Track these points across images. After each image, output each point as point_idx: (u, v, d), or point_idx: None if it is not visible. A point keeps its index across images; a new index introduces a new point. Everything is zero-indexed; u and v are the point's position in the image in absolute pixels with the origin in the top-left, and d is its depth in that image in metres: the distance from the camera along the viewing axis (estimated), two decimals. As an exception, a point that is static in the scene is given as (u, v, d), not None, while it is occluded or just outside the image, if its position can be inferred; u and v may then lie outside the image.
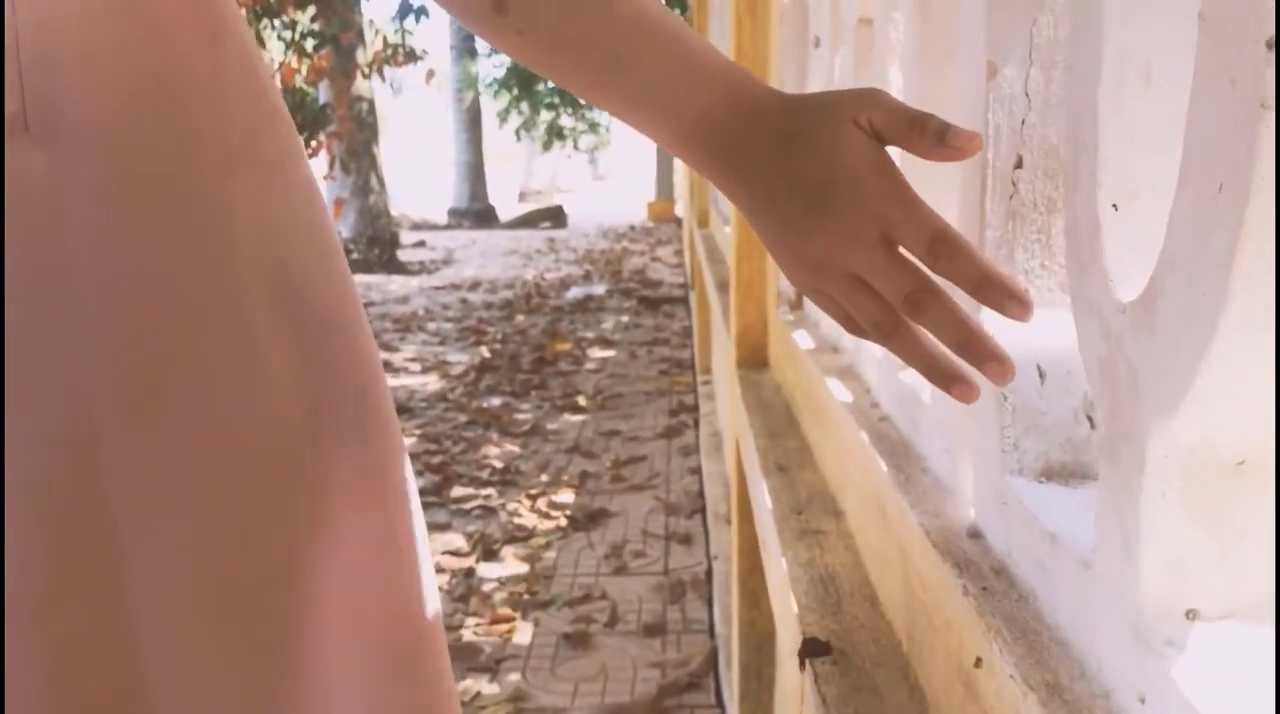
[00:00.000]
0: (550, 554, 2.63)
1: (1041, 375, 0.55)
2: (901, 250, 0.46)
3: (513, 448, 3.53)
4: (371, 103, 8.74)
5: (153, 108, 0.44)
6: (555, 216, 13.39)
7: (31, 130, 0.41)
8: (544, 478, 3.19)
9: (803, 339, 1.20)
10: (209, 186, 0.45)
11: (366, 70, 7.80)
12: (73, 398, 0.42)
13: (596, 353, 5.14)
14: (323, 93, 8.03)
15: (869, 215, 0.46)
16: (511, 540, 2.71)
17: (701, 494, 2.99)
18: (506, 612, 2.29)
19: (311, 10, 7.27)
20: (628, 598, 2.37)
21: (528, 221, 13.25)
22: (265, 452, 0.46)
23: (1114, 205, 0.44)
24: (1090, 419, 0.55)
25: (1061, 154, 0.54)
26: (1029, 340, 0.54)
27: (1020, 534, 0.52)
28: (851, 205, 0.46)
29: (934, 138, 0.45)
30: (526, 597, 2.37)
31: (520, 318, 6.15)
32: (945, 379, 0.46)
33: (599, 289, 7.27)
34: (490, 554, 2.63)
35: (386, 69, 8.06)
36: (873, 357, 0.92)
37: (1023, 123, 0.56)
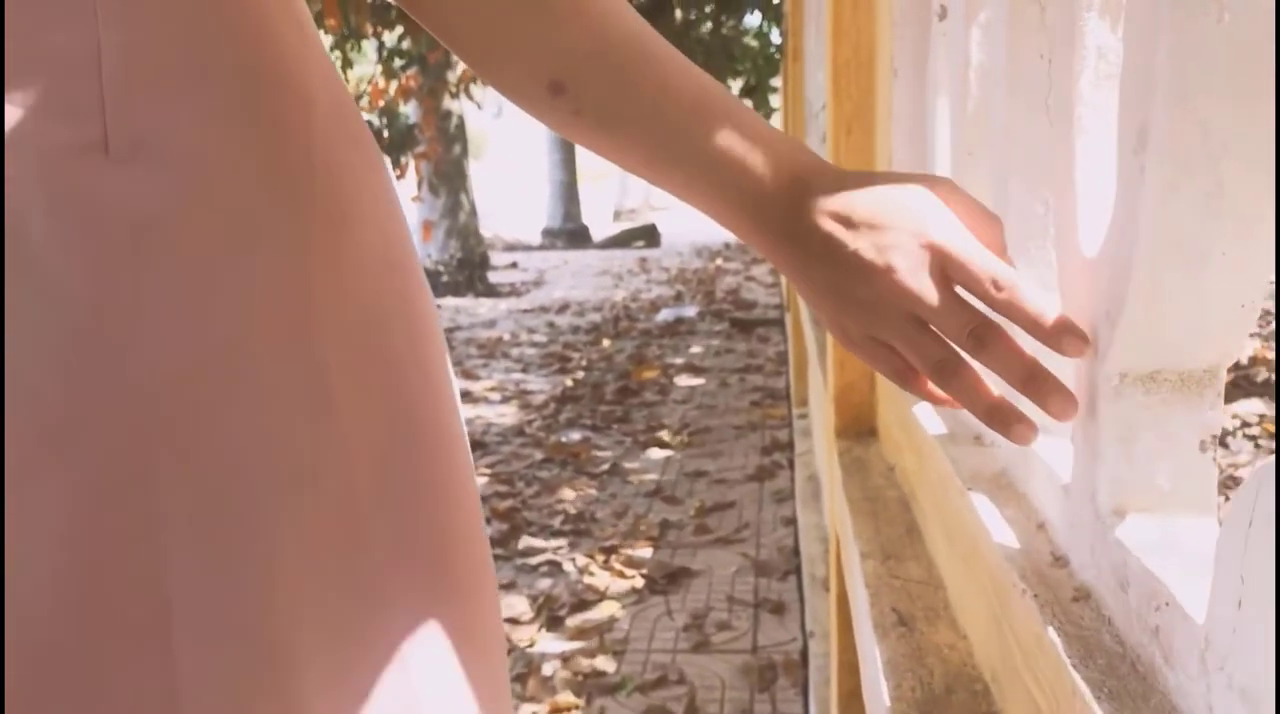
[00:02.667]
0: (623, 623, 2.32)
1: None
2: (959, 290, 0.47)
3: (589, 491, 3.24)
4: (461, 122, 8.62)
5: (240, 135, 0.43)
6: (648, 235, 13.18)
7: (111, 153, 0.40)
8: (620, 527, 2.89)
9: (928, 416, 0.86)
10: (290, 224, 0.44)
11: (454, 90, 7.68)
12: (135, 412, 0.40)
13: (684, 381, 4.83)
14: (411, 113, 7.94)
15: (930, 252, 0.46)
16: (581, 605, 2.41)
17: (796, 551, 2.65)
18: (569, 699, 1.99)
19: (399, 29, 7.18)
20: (708, 682, 2.05)
21: (621, 241, 13.08)
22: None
23: None
24: None
25: None
26: None
27: None
28: (912, 244, 0.47)
29: (999, 245, 0.50)
30: (593, 679, 2.07)
31: (607, 343, 5.89)
32: (1005, 420, 0.47)
33: (690, 311, 6.97)
34: (555, 622, 2.33)
35: (476, 89, 7.94)
36: (1046, 473, 0.59)
37: None
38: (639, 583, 2.51)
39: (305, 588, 0.43)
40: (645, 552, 2.71)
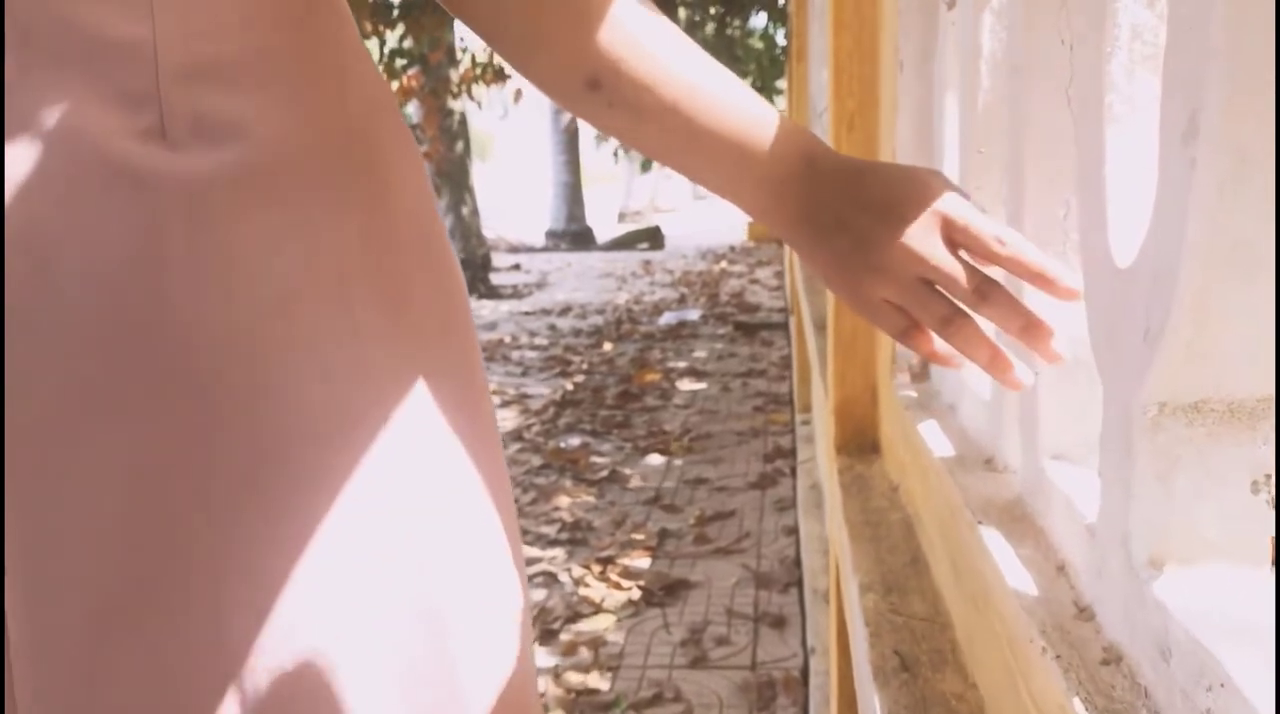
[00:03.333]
0: (618, 636, 2.25)
1: None
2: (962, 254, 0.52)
3: (587, 498, 3.17)
4: (464, 122, 8.56)
5: (287, 115, 0.45)
6: (653, 237, 13.11)
7: (169, 138, 0.42)
8: (618, 536, 2.82)
9: (934, 435, 0.80)
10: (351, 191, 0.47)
11: (457, 90, 7.62)
12: (181, 375, 0.41)
13: (686, 385, 4.76)
14: (413, 113, 7.88)
15: (936, 220, 0.51)
16: (575, 617, 2.34)
17: (798, 562, 2.58)
18: (559, 716, 1.92)
19: (400, 29, 7.13)
20: (705, 699, 1.98)
21: (625, 243, 13.01)
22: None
23: None
24: None
25: None
26: None
27: None
28: (920, 212, 0.51)
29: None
30: (585, 696, 2.00)
31: (608, 346, 5.82)
32: (1004, 366, 0.52)
33: (693, 314, 6.90)
34: (549, 635, 2.27)
35: (479, 89, 7.89)
36: (1067, 507, 0.52)
37: None
38: (636, 594, 2.44)
39: (343, 547, 0.44)
40: (643, 562, 2.64)
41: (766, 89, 11.05)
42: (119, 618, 0.41)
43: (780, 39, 10.53)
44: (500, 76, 7.54)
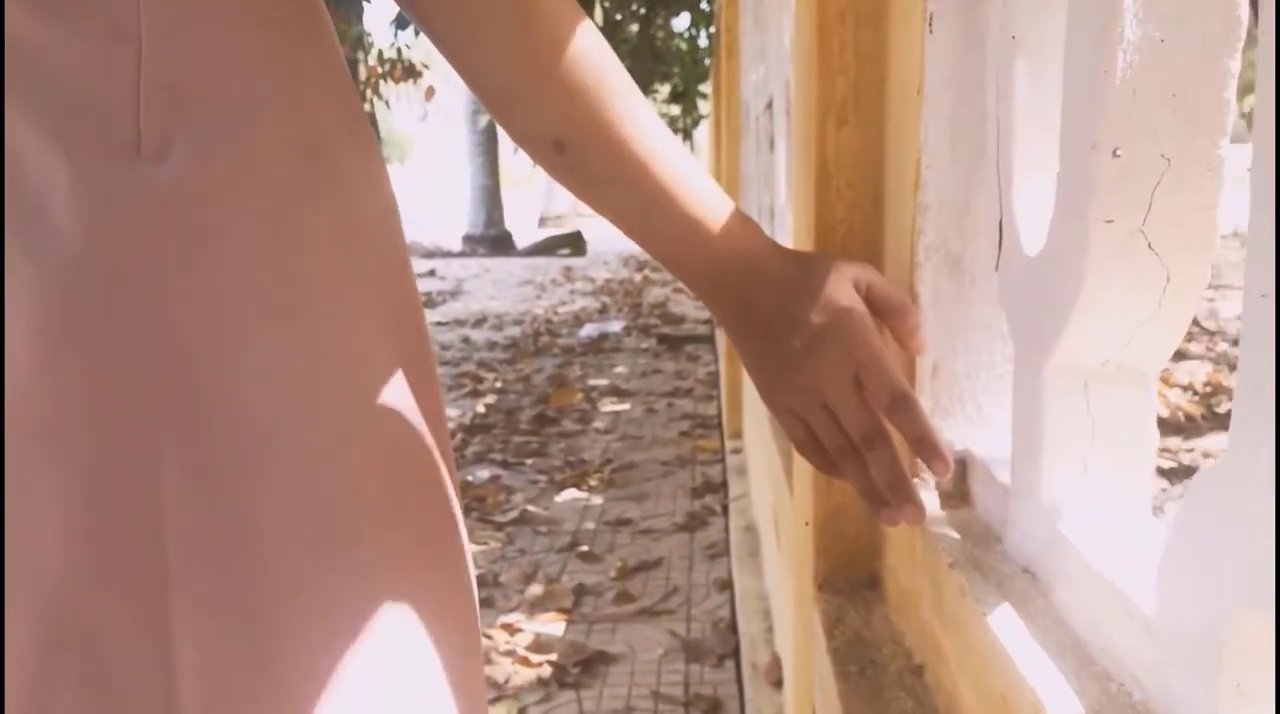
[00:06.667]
0: (524, 728, 1.90)
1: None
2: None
3: (494, 544, 2.81)
4: (374, 123, 8.07)
5: (254, 134, 0.45)
6: (574, 243, 12.77)
7: (143, 153, 0.42)
8: (528, 594, 2.46)
9: (1003, 618, 0.47)
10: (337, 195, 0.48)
11: (362, 89, 7.16)
12: (130, 389, 0.42)
13: (608, 406, 4.42)
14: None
15: (852, 361, 0.56)
16: (473, 704, 1.98)
17: (733, 625, 2.26)
18: None
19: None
20: (629, 816, 1.64)
21: (545, 248, 12.64)
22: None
23: None
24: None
25: None
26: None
27: None
28: (840, 350, 0.57)
29: (911, 328, 0.62)
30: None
31: (524, 363, 5.44)
32: (878, 503, 0.57)
33: (615, 326, 6.57)
34: (441, 729, 1.90)
35: (386, 88, 7.44)
36: None
37: None
38: (546, 672, 2.09)
39: (296, 558, 0.44)
40: (556, 627, 2.28)
41: (689, 93, 10.78)
42: (65, 624, 0.41)
43: (703, 41, 10.26)
44: (410, 73, 7.11)
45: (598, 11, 8.02)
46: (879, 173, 0.70)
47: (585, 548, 2.75)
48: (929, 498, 0.64)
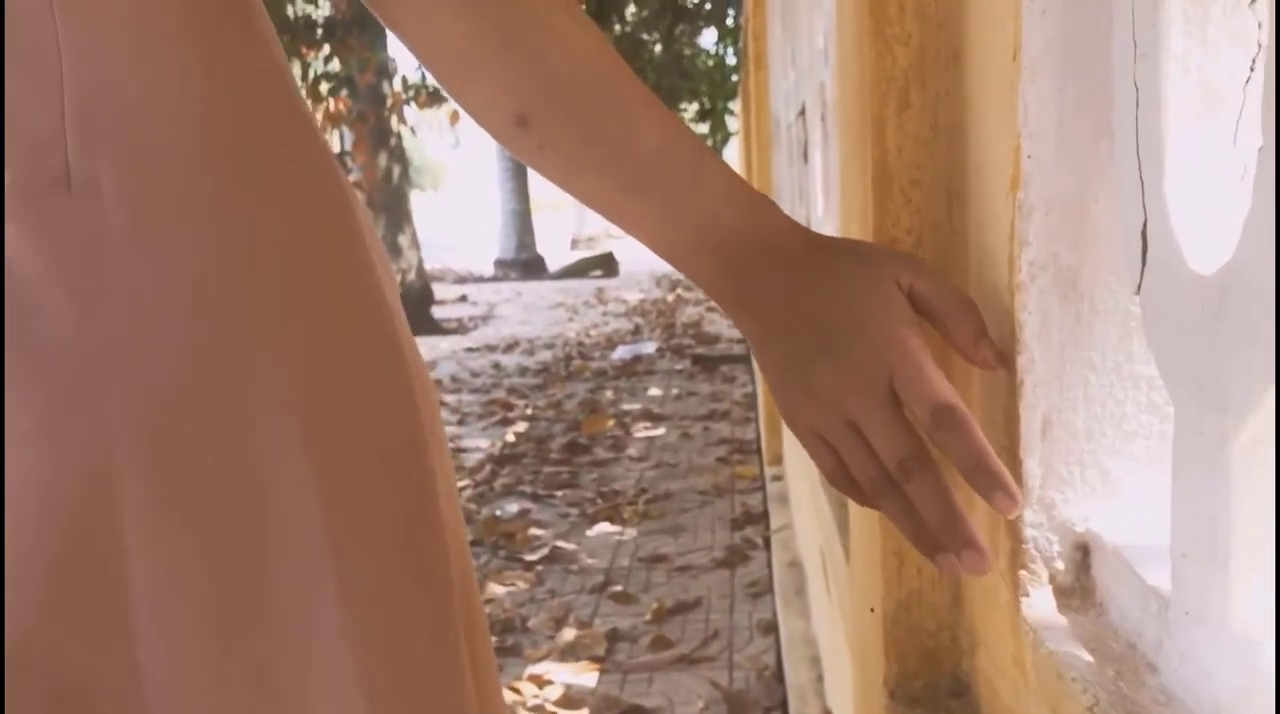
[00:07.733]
0: (554, 796, 1.74)
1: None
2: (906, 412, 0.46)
3: (523, 585, 2.65)
4: (401, 149, 8.00)
5: (190, 165, 0.42)
6: (606, 264, 12.67)
7: (74, 189, 0.40)
8: (558, 640, 2.30)
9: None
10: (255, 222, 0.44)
11: (388, 113, 7.10)
12: (96, 433, 0.40)
13: (642, 431, 4.26)
14: (345, 139, 7.34)
15: (882, 365, 0.45)
16: (499, 768, 1.82)
17: (780, 676, 2.08)
18: None
19: (326, 50, 6.61)
20: None
21: (577, 271, 12.56)
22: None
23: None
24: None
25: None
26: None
27: None
28: (867, 352, 0.45)
29: (973, 334, 0.46)
30: None
31: (555, 389, 5.30)
32: (930, 548, 0.45)
33: (649, 347, 6.42)
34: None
35: (410, 112, 7.38)
36: None
37: None
38: (578, 730, 1.93)
39: (272, 576, 0.42)
40: (588, 678, 2.13)
41: (717, 110, 10.64)
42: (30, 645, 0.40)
43: (731, 58, 10.12)
44: (435, 99, 7.04)
45: (616, 29, 7.91)
46: (957, 168, 0.54)
47: (619, 587, 2.59)
48: (1041, 593, 0.48)
